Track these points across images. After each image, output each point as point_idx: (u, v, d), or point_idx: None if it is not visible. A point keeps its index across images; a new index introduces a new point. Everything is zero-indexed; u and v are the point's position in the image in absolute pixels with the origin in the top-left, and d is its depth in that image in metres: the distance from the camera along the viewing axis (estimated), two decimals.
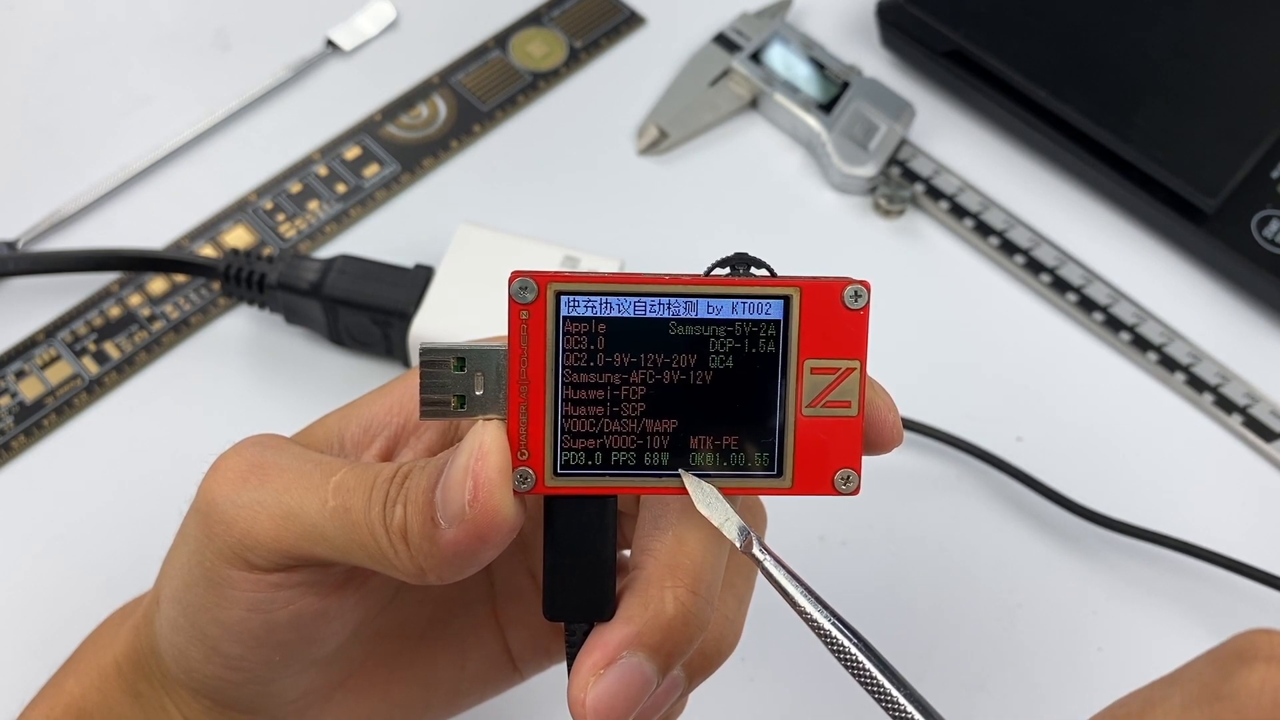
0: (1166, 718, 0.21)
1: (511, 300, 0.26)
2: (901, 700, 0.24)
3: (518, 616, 0.35)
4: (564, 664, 0.35)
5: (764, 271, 0.28)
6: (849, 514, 0.48)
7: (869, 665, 0.25)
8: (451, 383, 0.27)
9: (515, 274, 0.26)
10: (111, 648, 0.34)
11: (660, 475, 0.27)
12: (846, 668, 0.25)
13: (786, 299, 0.27)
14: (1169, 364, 0.52)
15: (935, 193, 0.56)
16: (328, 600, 0.30)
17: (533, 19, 0.60)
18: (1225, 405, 0.51)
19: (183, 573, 0.30)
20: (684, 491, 0.27)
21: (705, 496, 0.27)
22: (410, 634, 0.34)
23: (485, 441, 0.26)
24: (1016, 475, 0.49)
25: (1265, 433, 0.51)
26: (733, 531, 0.27)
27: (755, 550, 0.26)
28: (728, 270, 0.28)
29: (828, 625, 0.25)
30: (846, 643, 0.25)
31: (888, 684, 0.24)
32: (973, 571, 0.48)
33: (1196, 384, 0.52)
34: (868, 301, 0.27)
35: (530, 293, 0.26)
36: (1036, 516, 0.49)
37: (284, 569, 0.29)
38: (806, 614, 0.25)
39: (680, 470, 0.27)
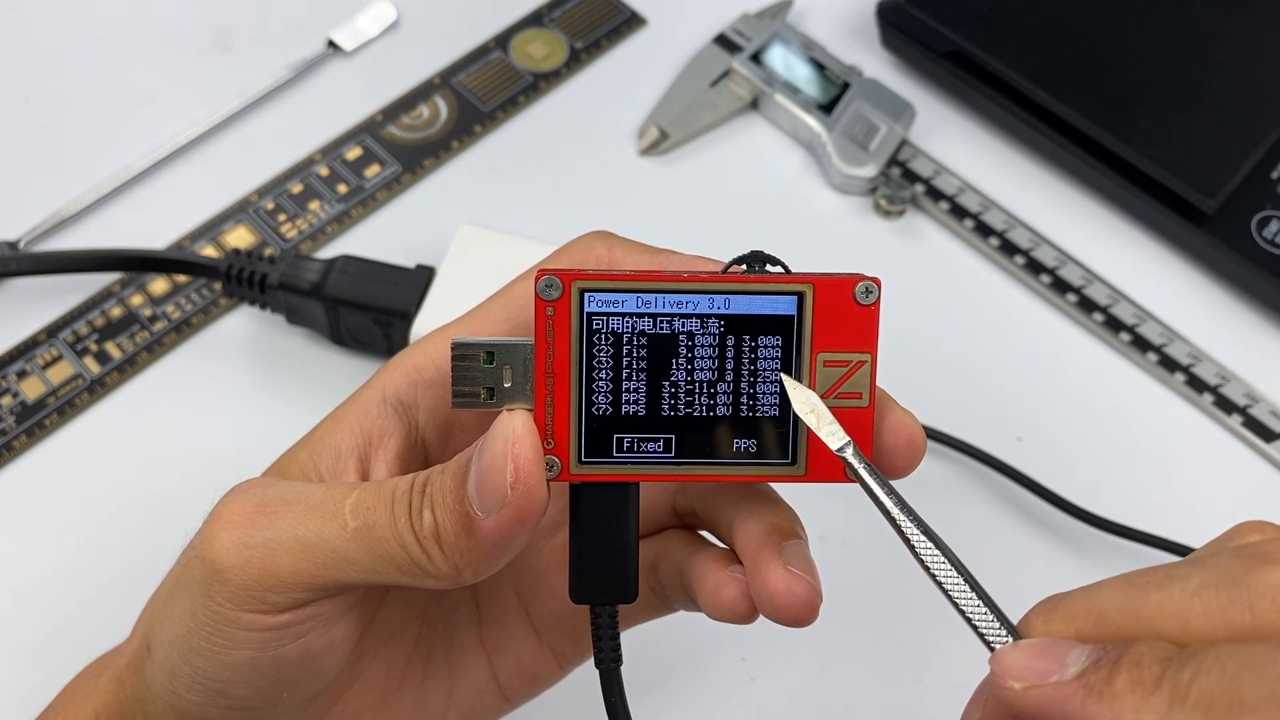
0: (1184, 591, 0.23)
1: (537, 297, 0.28)
2: (982, 603, 0.26)
3: (503, 642, 0.35)
4: (552, 691, 0.35)
5: (779, 269, 0.29)
6: (850, 514, 0.48)
7: (952, 569, 0.26)
8: (481, 375, 0.28)
9: (541, 271, 0.28)
10: (91, 699, 0.34)
11: (681, 464, 0.29)
12: (930, 574, 0.26)
13: (800, 295, 0.28)
14: (1169, 364, 0.52)
15: (935, 193, 0.56)
16: (333, 631, 0.30)
17: (533, 20, 0.60)
18: (1225, 406, 0.51)
19: (184, 619, 0.30)
20: (704, 479, 0.29)
21: (806, 401, 0.28)
22: (397, 660, 0.34)
23: (517, 427, 0.27)
24: (1016, 477, 0.49)
25: (1265, 433, 0.51)
26: (835, 438, 0.27)
27: (850, 457, 0.27)
28: (745, 267, 0.29)
29: (916, 531, 0.26)
30: (935, 548, 0.26)
31: (970, 589, 0.26)
32: (971, 572, 0.47)
33: (1196, 384, 0.52)
34: (878, 297, 0.28)
35: (555, 290, 0.28)
36: (1036, 518, 0.49)
37: (300, 605, 0.29)
38: (896, 520, 0.26)
39: (782, 375, 0.28)
